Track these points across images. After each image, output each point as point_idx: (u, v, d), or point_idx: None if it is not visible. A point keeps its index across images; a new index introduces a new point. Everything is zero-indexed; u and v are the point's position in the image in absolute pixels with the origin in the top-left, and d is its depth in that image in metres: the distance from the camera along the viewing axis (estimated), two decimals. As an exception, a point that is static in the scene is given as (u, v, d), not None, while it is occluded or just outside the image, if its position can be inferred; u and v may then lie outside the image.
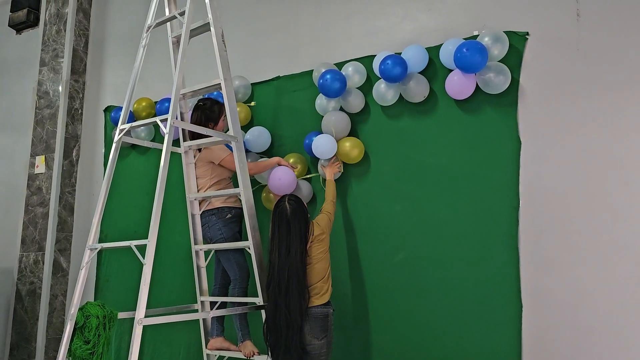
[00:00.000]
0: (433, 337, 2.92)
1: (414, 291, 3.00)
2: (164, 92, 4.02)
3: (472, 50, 2.72)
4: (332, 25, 3.53)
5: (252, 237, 2.87)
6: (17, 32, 5.37)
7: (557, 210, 2.70)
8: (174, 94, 2.69)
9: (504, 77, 2.80)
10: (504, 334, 2.73)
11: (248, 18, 3.90)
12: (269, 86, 3.68)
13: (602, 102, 2.66)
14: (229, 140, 2.93)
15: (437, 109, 3.06)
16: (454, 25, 3.08)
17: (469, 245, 2.87)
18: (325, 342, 2.70)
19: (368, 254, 3.17)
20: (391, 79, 2.97)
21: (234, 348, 3.04)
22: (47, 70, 4.80)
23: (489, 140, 2.89)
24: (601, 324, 2.54)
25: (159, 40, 3.42)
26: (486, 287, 2.80)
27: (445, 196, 2.97)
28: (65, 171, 4.61)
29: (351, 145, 3.15)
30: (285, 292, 2.65)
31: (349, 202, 3.26)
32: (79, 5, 4.86)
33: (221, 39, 2.97)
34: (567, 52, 2.76)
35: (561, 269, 2.66)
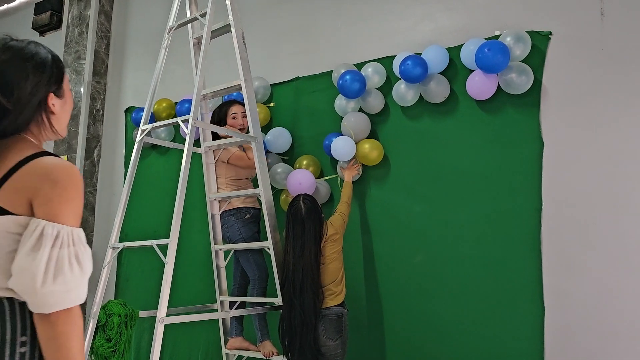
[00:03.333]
0: (452, 341, 2.89)
1: (433, 293, 2.98)
2: (184, 92, 4.05)
3: (493, 50, 2.70)
4: (352, 26, 3.53)
5: (271, 238, 2.88)
6: (40, 35, 5.47)
7: (580, 212, 2.66)
8: (195, 94, 2.71)
9: (526, 77, 2.76)
10: (525, 337, 2.69)
11: (268, 19, 3.91)
12: (289, 87, 3.69)
13: (626, 103, 2.61)
14: (249, 140, 2.94)
15: (457, 109, 3.04)
16: (475, 25, 3.05)
17: (490, 247, 2.84)
18: (340, 343, 2.70)
19: (387, 255, 3.16)
20: (411, 80, 2.96)
21: (253, 348, 3.05)
22: (70, 71, 4.87)
23: (510, 142, 2.86)
24: (625, 328, 2.50)
25: (180, 42, 3.45)
26: (508, 289, 2.77)
27: (466, 198, 2.94)
28: (86, 171, 4.68)
29: (370, 147, 3.14)
30: (300, 291, 2.66)
31: (368, 203, 3.25)
32: (101, 8, 4.93)
33: (242, 40, 2.99)
34: (591, 52, 2.72)
35: (584, 272, 2.62)
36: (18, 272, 1.08)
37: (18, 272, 1.08)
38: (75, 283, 1.11)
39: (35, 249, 1.08)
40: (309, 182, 3.08)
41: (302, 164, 3.32)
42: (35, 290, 1.06)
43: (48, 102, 1.23)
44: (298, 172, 3.14)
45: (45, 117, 1.23)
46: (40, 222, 1.10)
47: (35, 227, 1.09)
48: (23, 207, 1.12)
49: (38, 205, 1.11)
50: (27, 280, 1.06)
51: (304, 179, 3.08)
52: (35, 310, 1.10)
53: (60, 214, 1.12)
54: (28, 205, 1.12)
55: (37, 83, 1.20)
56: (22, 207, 1.12)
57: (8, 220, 1.11)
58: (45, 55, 1.25)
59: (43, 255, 1.07)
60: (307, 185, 3.05)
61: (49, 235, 1.09)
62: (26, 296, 1.09)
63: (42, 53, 1.24)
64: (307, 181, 3.08)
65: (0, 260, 1.11)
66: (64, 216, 1.12)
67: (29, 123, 1.20)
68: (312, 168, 3.30)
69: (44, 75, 1.22)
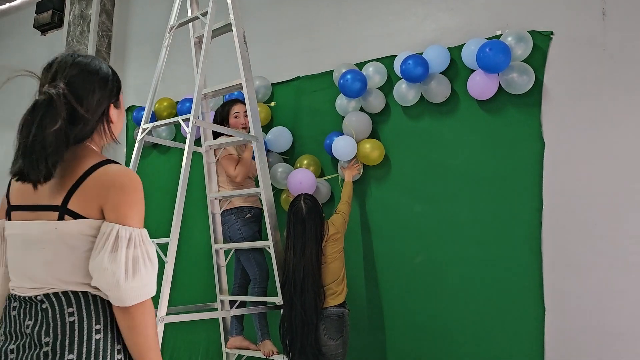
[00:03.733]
0: (452, 341, 2.89)
1: (434, 293, 2.98)
2: (185, 92, 4.05)
3: (495, 49, 2.70)
4: (353, 25, 3.53)
5: (272, 237, 2.88)
6: (42, 33, 5.47)
7: (581, 213, 2.66)
8: (196, 94, 2.71)
9: (528, 77, 2.76)
10: (526, 338, 2.69)
11: (269, 18, 3.91)
12: (289, 86, 3.69)
13: (628, 103, 2.61)
14: (249, 140, 2.94)
15: (458, 109, 3.03)
16: (476, 25, 3.05)
17: (490, 247, 2.84)
18: (340, 343, 2.70)
19: (387, 255, 3.16)
20: (412, 79, 2.96)
21: (253, 347, 3.05)
22: (71, 70, 4.87)
23: (511, 142, 2.85)
24: (626, 328, 2.49)
25: (181, 41, 3.45)
26: (508, 290, 2.77)
27: (467, 198, 2.94)
28: (87, 170, 4.68)
29: (371, 147, 3.14)
30: (301, 291, 2.66)
31: (369, 203, 3.25)
32: (102, 7, 4.93)
33: (243, 40, 2.98)
34: (593, 52, 2.72)
35: (585, 272, 2.61)
36: (100, 271, 1.21)
37: (100, 271, 1.21)
38: (149, 278, 1.26)
39: (113, 250, 1.21)
40: (309, 181, 3.08)
41: (303, 163, 3.32)
42: (119, 287, 1.20)
43: (110, 112, 1.37)
44: (299, 171, 3.14)
45: (106, 125, 1.37)
46: (114, 225, 1.23)
47: (110, 230, 1.22)
48: (94, 211, 1.25)
49: (109, 210, 1.24)
50: (110, 278, 1.20)
51: (305, 178, 3.08)
52: (117, 303, 1.23)
53: (129, 218, 1.26)
54: (99, 209, 1.25)
55: (101, 95, 1.34)
56: (94, 211, 1.25)
57: (83, 224, 1.24)
58: (107, 70, 1.38)
59: (121, 255, 1.21)
60: (307, 185, 3.05)
61: (123, 237, 1.23)
62: (110, 292, 1.22)
63: (104, 68, 1.38)
64: (307, 181, 3.08)
65: (76, 260, 1.24)
66: (132, 219, 1.26)
67: (93, 131, 1.34)
68: (313, 167, 3.30)
69: (107, 89, 1.36)
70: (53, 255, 1.24)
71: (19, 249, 1.30)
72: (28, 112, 1.23)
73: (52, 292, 1.25)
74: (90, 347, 1.23)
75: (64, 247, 1.24)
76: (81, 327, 1.23)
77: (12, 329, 1.28)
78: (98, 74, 1.34)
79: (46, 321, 1.23)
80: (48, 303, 1.24)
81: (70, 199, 1.24)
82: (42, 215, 1.26)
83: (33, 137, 1.20)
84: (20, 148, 1.22)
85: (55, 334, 1.22)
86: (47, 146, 1.19)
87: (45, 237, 1.25)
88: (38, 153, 1.19)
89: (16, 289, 1.30)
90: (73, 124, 1.27)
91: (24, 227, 1.28)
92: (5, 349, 1.26)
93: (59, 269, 1.25)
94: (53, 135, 1.20)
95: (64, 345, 1.21)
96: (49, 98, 1.23)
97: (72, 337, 1.22)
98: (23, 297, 1.27)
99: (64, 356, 1.20)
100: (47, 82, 1.29)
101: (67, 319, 1.23)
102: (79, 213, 1.24)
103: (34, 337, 1.23)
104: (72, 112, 1.26)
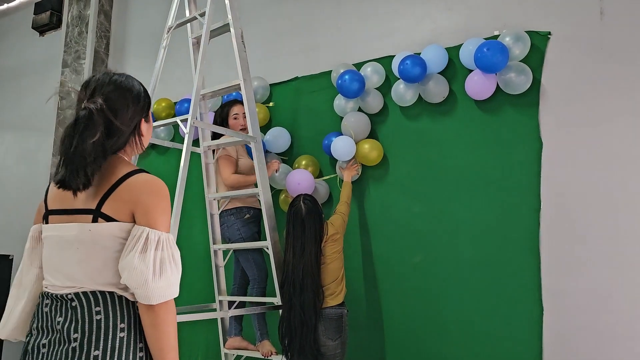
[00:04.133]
0: (451, 341, 2.89)
1: (432, 293, 2.98)
2: (183, 92, 4.05)
3: (492, 49, 2.70)
4: (351, 25, 3.53)
5: (270, 238, 2.88)
6: (40, 34, 5.47)
7: (579, 213, 2.66)
8: (194, 94, 2.71)
9: (525, 77, 2.76)
10: (524, 337, 2.69)
11: (267, 19, 3.91)
12: (288, 87, 3.69)
13: (626, 102, 2.61)
14: (248, 140, 2.94)
15: (456, 109, 3.04)
16: (474, 25, 3.05)
17: (488, 247, 2.84)
18: (339, 343, 2.70)
19: (386, 255, 3.16)
20: (410, 79, 2.96)
21: (252, 347, 3.05)
22: (69, 71, 4.87)
23: (509, 142, 2.86)
24: (624, 328, 2.50)
25: (179, 42, 3.45)
26: (506, 290, 2.77)
27: (465, 198, 2.94)
28: (86, 171, 4.67)
29: (370, 147, 3.14)
30: (300, 291, 2.66)
31: (367, 203, 3.25)
32: (101, 7, 4.93)
33: (241, 40, 2.99)
34: (591, 51, 2.72)
35: (583, 272, 2.62)
36: (130, 270, 1.31)
37: (130, 270, 1.31)
38: (174, 279, 1.36)
39: (142, 251, 1.31)
40: (308, 182, 3.08)
41: (301, 164, 3.32)
42: (147, 285, 1.30)
43: (141, 126, 1.50)
44: (297, 172, 3.14)
45: (137, 138, 1.49)
46: (145, 229, 1.34)
47: (141, 233, 1.33)
48: (126, 215, 1.36)
49: (140, 215, 1.35)
50: (139, 277, 1.30)
51: (303, 179, 3.08)
52: (144, 301, 1.33)
53: (157, 222, 1.36)
54: (130, 214, 1.36)
55: (134, 110, 1.46)
56: (125, 215, 1.36)
57: (114, 226, 1.35)
58: (139, 88, 1.50)
59: (150, 257, 1.31)
60: (306, 185, 3.06)
61: (152, 240, 1.33)
62: (137, 290, 1.31)
63: (136, 86, 1.50)
64: (306, 181, 3.08)
65: (107, 259, 1.35)
66: (160, 224, 1.36)
67: (126, 143, 1.46)
68: (311, 168, 3.31)
69: (139, 104, 1.48)
70: (86, 254, 1.35)
71: (54, 249, 1.40)
72: (70, 126, 1.35)
73: (81, 291, 1.35)
74: (114, 344, 1.32)
75: (96, 247, 1.35)
76: (107, 325, 1.33)
77: (44, 324, 1.38)
78: (132, 91, 1.46)
79: (75, 318, 1.33)
80: (77, 301, 1.34)
81: (104, 204, 1.36)
82: (77, 219, 1.37)
83: (74, 148, 1.32)
84: (62, 158, 1.34)
85: (83, 330, 1.31)
86: (86, 156, 1.31)
87: (80, 238, 1.36)
88: (78, 163, 1.31)
89: (49, 287, 1.40)
90: (109, 136, 1.39)
91: (60, 229, 1.40)
92: (38, 343, 1.36)
93: (91, 267, 1.35)
94: (92, 146, 1.32)
95: (91, 342, 1.30)
96: (89, 112, 1.35)
97: (98, 334, 1.31)
98: (55, 295, 1.38)
99: (90, 352, 1.29)
100: (86, 98, 1.41)
101: (94, 317, 1.33)
102: (111, 216, 1.35)
103: (64, 333, 1.32)
104: (108, 125, 1.38)
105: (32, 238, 1.54)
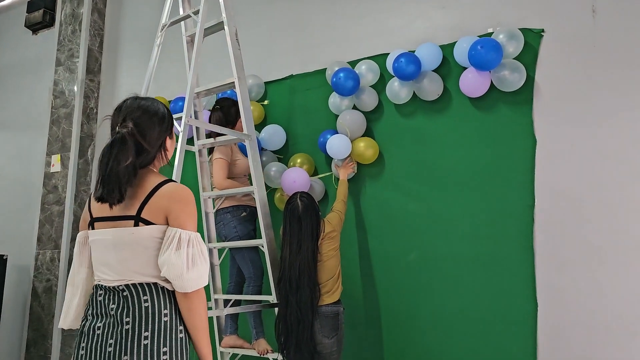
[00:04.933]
0: (446, 337, 2.90)
1: (427, 290, 2.99)
2: (178, 91, 4.04)
3: (486, 47, 2.71)
4: (346, 23, 3.53)
5: (265, 236, 2.88)
6: (33, 33, 5.43)
7: (573, 209, 2.67)
8: (189, 92, 2.70)
9: (519, 74, 2.77)
10: (519, 333, 2.71)
11: (261, 17, 3.90)
12: (282, 85, 3.68)
13: (619, 99, 2.62)
14: (242, 139, 2.94)
15: (451, 107, 3.04)
16: (468, 22, 3.06)
17: (483, 244, 2.85)
18: (335, 341, 2.70)
19: (381, 253, 3.16)
20: (405, 77, 2.96)
21: (247, 346, 3.05)
22: (63, 70, 4.85)
23: (503, 139, 2.87)
24: (618, 324, 2.51)
25: (173, 40, 3.44)
26: (501, 286, 2.78)
27: (460, 195, 2.95)
28: (80, 170, 4.66)
29: (365, 145, 3.14)
30: (296, 288, 2.67)
31: (363, 201, 3.26)
32: (94, 6, 4.90)
33: (235, 38, 2.98)
34: (583, 48, 2.73)
35: (577, 268, 2.63)
36: (169, 265, 1.57)
37: (169, 265, 1.57)
38: (204, 270, 1.63)
39: (177, 248, 1.58)
40: (303, 180, 3.08)
41: (297, 162, 3.32)
42: (182, 277, 1.58)
43: (166, 143, 1.77)
44: (292, 170, 3.14)
45: (163, 153, 1.76)
46: (177, 230, 1.61)
47: (174, 234, 1.60)
48: (161, 219, 1.63)
49: (172, 219, 1.62)
50: (176, 270, 1.57)
51: (298, 177, 3.08)
52: (181, 290, 1.61)
53: (187, 224, 1.63)
54: (164, 217, 1.63)
55: (160, 130, 1.72)
56: (160, 219, 1.63)
57: (153, 229, 1.62)
58: (163, 110, 1.76)
59: (183, 253, 1.58)
60: (301, 184, 3.06)
61: (184, 239, 1.60)
62: (175, 281, 1.59)
63: (161, 109, 1.76)
64: (301, 180, 3.08)
65: (148, 257, 1.62)
66: (189, 225, 1.64)
67: (154, 159, 1.72)
68: (307, 166, 3.30)
69: (163, 126, 1.74)
70: (130, 253, 1.62)
71: (103, 251, 1.67)
72: (107, 147, 1.62)
73: (130, 283, 1.62)
74: (160, 326, 1.60)
75: (138, 247, 1.61)
76: (154, 310, 1.60)
77: (98, 310, 1.65)
78: (157, 114, 1.72)
79: (127, 305, 1.60)
80: (128, 292, 1.61)
81: (143, 210, 1.62)
82: (120, 224, 1.64)
83: (110, 169, 1.59)
84: (100, 178, 1.61)
85: (134, 315, 1.58)
86: (121, 177, 1.58)
87: (124, 240, 1.62)
88: (114, 183, 1.58)
89: (102, 280, 1.67)
90: (139, 154, 1.65)
91: (105, 234, 1.66)
92: (94, 326, 1.63)
93: (135, 264, 1.62)
94: (125, 169, 1.59)
95: (141, 325, 1.58)
96: (122, 136, 1.62)
97: (147, 319, 1.59)
98: (107, 287, 1.65)
99: (142, 333, 1.57)
100: (118, 122, 1.68)
101: (142, 304, 1.60)
102: (149, 220, 1.62)
103: (117, 317, 1.59)
104: (138, 146, 1.65)
105: (79, 243, 1.81)
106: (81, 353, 1.62)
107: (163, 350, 1.58)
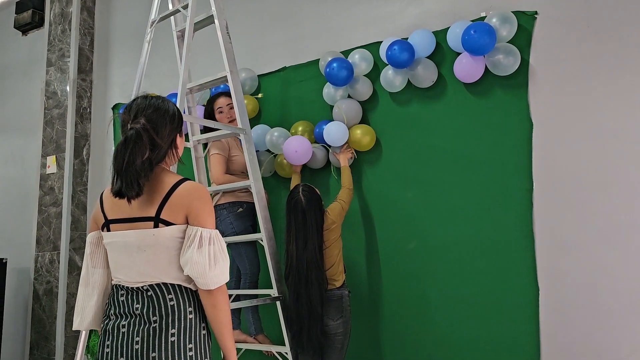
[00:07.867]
0: (448, 323, 2.90)
1: (428, 277, 2.99)
2: (171, 87, 4.01)
3: (480, 32, 2.68)
4: (337, 13, 3.50)
5: (264, 229, 2.86)
6: (23, 34, 5.38)
7: (572, 192, 2.67)
8: (181, 88, 2.68)
9: (514, 58, 2.75)
10: (520, 318, 2.71)
11: (252, 9, 3.87)
12: (276, 77, 3.66)
13: (614, 80, 2.61)
14: (237, 133, 2.92)
15: (446, 93, 3.03)
16: (461, 7, 3.03)
17: (482, 229, 2.85)
18: (341, 323, 2.71)
19: (381, 241, 3.16)
20: (398, 65, 2.94)
21: (250, 340, 3.06)
22: (54, 70, 4.81)
23: (500, 123, 2.85)
24: (619, 306, 2.51)
25: (164, 35, 3.41)
26: (501, 271, 2.78)
27: (458, 181, 2.94)
28: (76, 170, 4.64)
29: (362, 132, 3.12)
30: (306, 282, 2.67)
31: (360, 189, 3.24)
32: (83, 4, 4.85)
33: (226, 31, 2.95)
34: (577, 30, 2.71)
35: (577, 251, 2.63)
36: (192, 263, 1.61)
37: (192, 263, 1.61)
38: (225, 267, 1.67)
39: (199, 247, 1.61)
40: (304, 149, 3.05)
41: (298, 130, 3.28)
42: (205, 274, 1.61)
43: (177, 141, 1.78)
44: (293, 139, 3.10)
45: (174, 150, 1.77)
46: (198, 229, 1.63)
47: (195, 232, 1.63)
48: (181, 218, 1.65)
49: (192, 218, 1.65)
50: (199, 268, 1.60)
51: (300, 146, 3.05)
52: (204, 287, 1.65)
53: (206, 222, 1.65)
54: (184, 217, 1.65)
55: (171, 128, 1.73)
56: (180, 218, 1.65)
57: (174, 229, 1.64)
58: (173, 108, 1.77)
59: (205, 251, 1.61)
60: (303, 152, 3.03)
61: (205, 237, 1.63)
62: (198, 278, 1.63)
63: (171, 107, 1.77)
64: (303, 148, 3.05)
65: (171, 257, 1.65)
66: (208, 223, 1.66)
67: (165, 155, 1.72)
68: (308, 134, 3.27)
69: (174, 123, 1.75)
70: (153, 254, 1.64)
71: (122, 253, 1.68)
72: (121, 144, 1.62)
73: (155, 283, 1.65)
74: (186, 324, 1.65)
75: (161, 247, 1.64)
76: (179, 309, 1.64)
77: (121, 310, 1.67)
78: (168, 112, 1.73)
79: (152, 305, 1.63)
80: (152, 292, 1.65)
81: (162, 211, 1.64)
82: (138, 225, 1.65)
83: (126, 163, 1.58)
84: (117, 172, 1.61)
85: (160, 314, 1.62)
86: (139, 171, 1.59)
87: (146, 242, 1.64)
88: (132, 177, 1.58)
89: (122, 281, 1.69)
90: (152, 150, 1.65)
91: (125, 236, 1.67)
92: (117, 324, 1.66)
93: (158, 264, 1.65)
94: (142, 164, 1.60)
95: (168, 323, 1.62)
96: (137, 132, 1.63)
97: (173, 317, 1.63)
98: (129, 287, 1.68)
99: (169, 330, 1.61)
100: (130, 120, 1.69)
101: (168, 303, 1.64)
102: (169, 221, 1.64)
103: (144, 316, 1.63)
104: (152, 142, 1.65)
105: (91, 244, 1.82)
106: (107, 351, 1.64)
107: (189, 347, 1.63)
